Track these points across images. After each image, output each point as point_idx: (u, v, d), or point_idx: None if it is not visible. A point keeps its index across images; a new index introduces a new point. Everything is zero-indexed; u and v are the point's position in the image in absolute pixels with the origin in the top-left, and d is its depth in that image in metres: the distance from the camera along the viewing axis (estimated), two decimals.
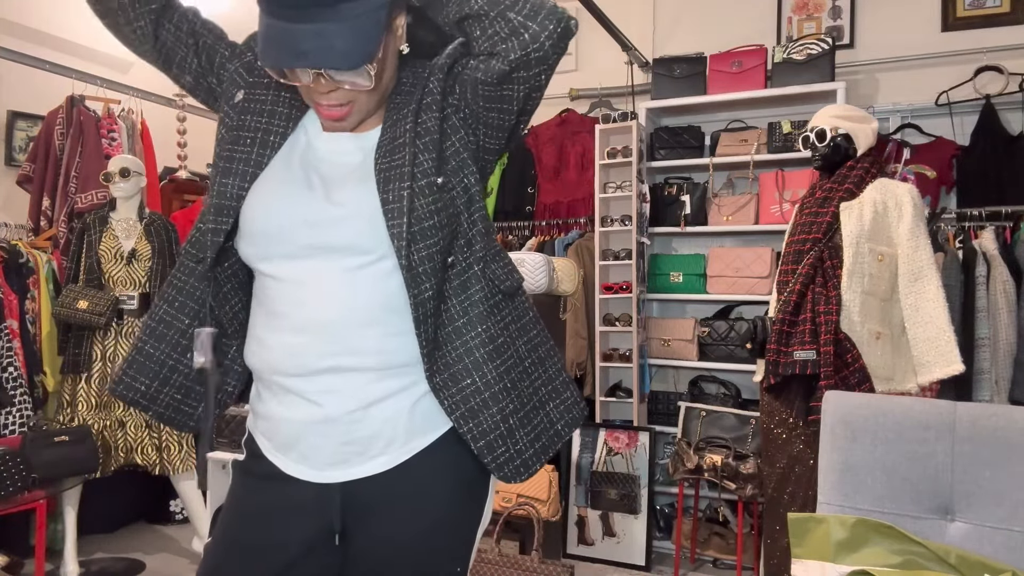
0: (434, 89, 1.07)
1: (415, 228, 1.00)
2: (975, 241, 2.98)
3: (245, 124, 1.09)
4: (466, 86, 1.06)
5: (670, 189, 3.55)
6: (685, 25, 3.83)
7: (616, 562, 3.27)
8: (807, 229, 2.41)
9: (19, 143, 3.74)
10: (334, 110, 1.02)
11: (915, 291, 2.27)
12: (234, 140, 1.09)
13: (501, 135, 1.10)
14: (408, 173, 1.01)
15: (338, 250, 1.01)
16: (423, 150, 1.04)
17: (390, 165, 1.03)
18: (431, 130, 1.06)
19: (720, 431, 3.19)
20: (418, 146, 1.04)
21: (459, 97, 1.08)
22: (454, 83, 1.08)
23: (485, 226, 1.09)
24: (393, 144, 1.05)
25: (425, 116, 1.06)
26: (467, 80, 1.06)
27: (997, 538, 1.36)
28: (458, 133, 1.08)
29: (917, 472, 1.43)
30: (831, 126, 2.41)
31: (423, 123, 1.06)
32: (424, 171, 1.03)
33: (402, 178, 1.01)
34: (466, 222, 1.07)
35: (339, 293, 1.02)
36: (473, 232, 1.08)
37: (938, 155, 3.17)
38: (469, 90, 1.06)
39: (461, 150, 1.08)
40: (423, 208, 1.01)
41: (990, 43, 3.18)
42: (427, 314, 1.02)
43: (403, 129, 1.05)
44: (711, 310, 3.59)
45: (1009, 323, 2.86)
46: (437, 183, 1.03)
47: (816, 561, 1.23)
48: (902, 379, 2.31)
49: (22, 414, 3.03)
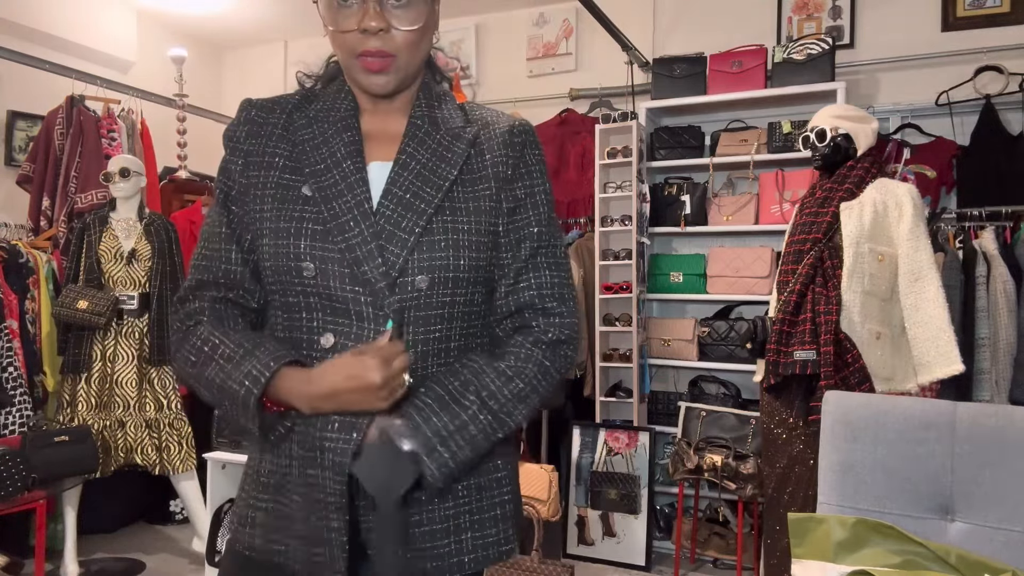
0: (500, 161, 1.02)
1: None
2: (975, 241, 2.98)
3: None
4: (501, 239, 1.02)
5: (670, 189, 3.55)
6: (685, 25, 3.83)
7: (616, 562, 3.27)
8: (807, 229, 2.41)
9: (19, 143, 3.74)
10: (375, 60, 0.97)
11: (915, 291, 2.27)
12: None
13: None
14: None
15: None
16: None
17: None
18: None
19: (720, 431, 3.18)
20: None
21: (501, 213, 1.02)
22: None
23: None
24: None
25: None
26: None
27: (997, 538, 1.36)
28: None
29: (917, 472, 1.43)
30: (831, 126, 2.41)
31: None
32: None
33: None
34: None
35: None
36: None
37: (938, 155, 3.17)
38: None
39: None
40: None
41: (990, 43, 3.18)
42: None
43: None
44: (711, 310, 3.59)
45: (1009, 323, 2.86)
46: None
47: (816, 561, 1.23)
48: (902, 379, 2.31)
49: (22, 414, 3.03)
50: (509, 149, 1.03)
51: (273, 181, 1.00)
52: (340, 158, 0.99)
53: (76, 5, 3.94)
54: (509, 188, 1.02)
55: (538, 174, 1.05)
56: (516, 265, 1.02)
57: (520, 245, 1.02)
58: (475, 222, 0.98)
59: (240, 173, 1.02)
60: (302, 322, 0.97)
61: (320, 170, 0.98)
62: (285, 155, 1.01)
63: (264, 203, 0.99)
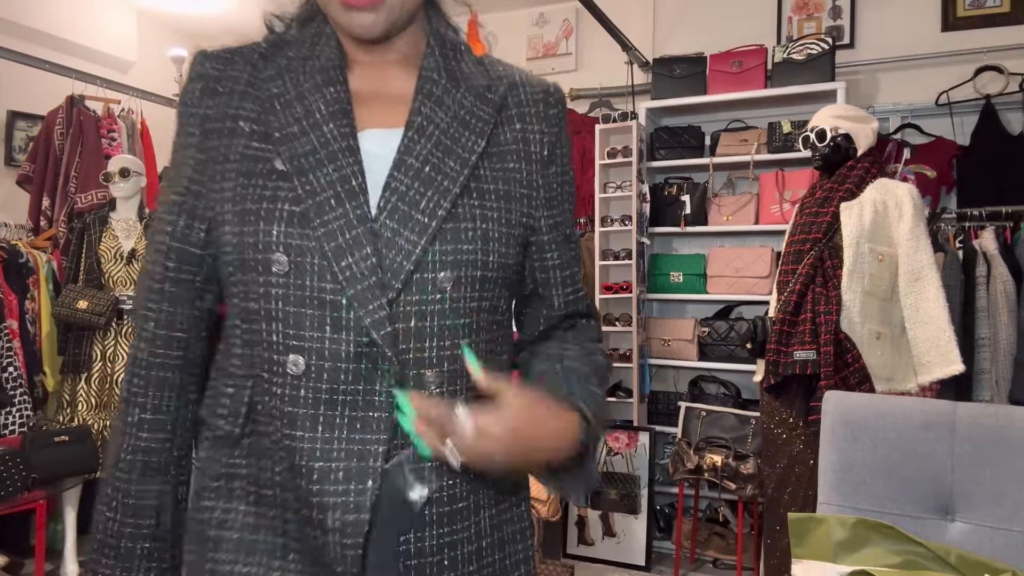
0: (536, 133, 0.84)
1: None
2: (975, 241, 2.98)
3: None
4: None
5: (670, 189, 3.55)
6: (685, 25, 3.83)
7: (616, 562, 3.27)
8: (807, 229, 2.41)
9: (19, 143, 3.74)
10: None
11: (915, 291, 2.27)
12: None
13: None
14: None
15: None
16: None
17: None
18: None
19: (720, 431, 3.18)
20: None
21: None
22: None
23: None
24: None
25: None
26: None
27: (997, 538, 1.35)
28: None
29: (917, 472, 1.43)
30: (831, 126, 2.41)
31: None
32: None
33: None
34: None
35: None
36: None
37: (938, 155, 3.17)
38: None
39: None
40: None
41: (990, 43, 3.18)
42: None
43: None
44: (711, 310, 3.59)
45: (1009, 323, 2.86)
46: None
47: (816, 561, 1.23)
48: (902, 379, 2.31)
49: (22, 414, 3.03)
50: (545, 124, 0.84)
51: (237, 152, 0.76)
52: (320, 119, 0.75)
53: (76, 5, 3.94)
54: (545, 173, 0.84)
55: (569, 158, 0.89)
56: (569, 270, 0.88)
57: (568, 244, 0.87)
58: (505, 210, 0.79)
59: (197, 146, 0.79)
60: (262, 336, 0.74)
61: (292, 134, 0.75)
62: (251, 118, 0.77)
63: (226, 181, 0.76)
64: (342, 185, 0.73)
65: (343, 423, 0.72)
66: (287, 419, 0.73)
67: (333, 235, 0.71)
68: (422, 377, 0.73)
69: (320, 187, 0.72)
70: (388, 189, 0.73)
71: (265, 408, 0.75)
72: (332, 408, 0.72)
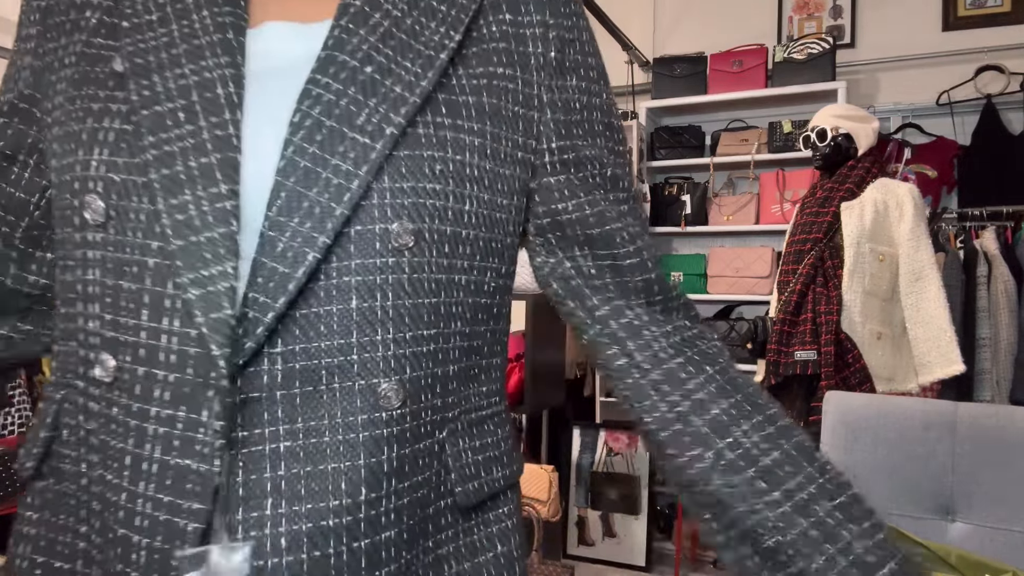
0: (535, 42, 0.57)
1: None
2: (976, 241, 2.98)
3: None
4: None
5: (670, 189, 3.55)
6: (685, 24, 3.83)
7: (616, 563, 3.27)
8: (808, 229, 2.40)
9: None
10: None
11: (916, 291, 2.27)
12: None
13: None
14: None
15: None
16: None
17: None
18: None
19: None
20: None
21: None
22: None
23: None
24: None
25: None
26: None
27: (998, 538, 1.35)
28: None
29: (918, 472, 1.42)
30: (832, 126, 2.41)
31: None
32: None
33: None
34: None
35: None
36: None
37: (939, 155, 3.16)
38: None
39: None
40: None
41: (991, 43, 3.17)
42: None
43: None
44: (711, 310, 3.59)
45: (1010, 323, 2.85)
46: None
47: None
48: (903, 379, 2.31)
49: (21, 414, 3.03)
50: (550, 14, 0.58)
51: (75, 51, 0.53)
52: (192, 4, 0.51)
53: None
54: (556, 86, 0.58)
55: (599, 71, 0.64)
56: (612, 225, 0.57)
57: (601, 189, 0.58)
58: (490, 136, 0.53)
59: (33, 51, 0.56)
60: (76, 324, 0.50)
61: (147, 23, 0.51)
62: (103, 5, 0.54)
63: (57, 95, 0.53)
64: (200, 92, 0.48)
65: (150, 471, 0.46)
66: (96, 453, 0.48)
67: (167, 161, 0.46)
68: (375, 392, 0.47)
69: (164, 94, 0.48)
70: (308, 98, 0.48)
71: (72, 435, 0.50)
72: (141, 444, 0.46)
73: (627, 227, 0.58)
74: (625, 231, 0.58)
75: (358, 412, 0.47)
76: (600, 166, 0.58)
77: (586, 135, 0.59)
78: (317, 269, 0.46)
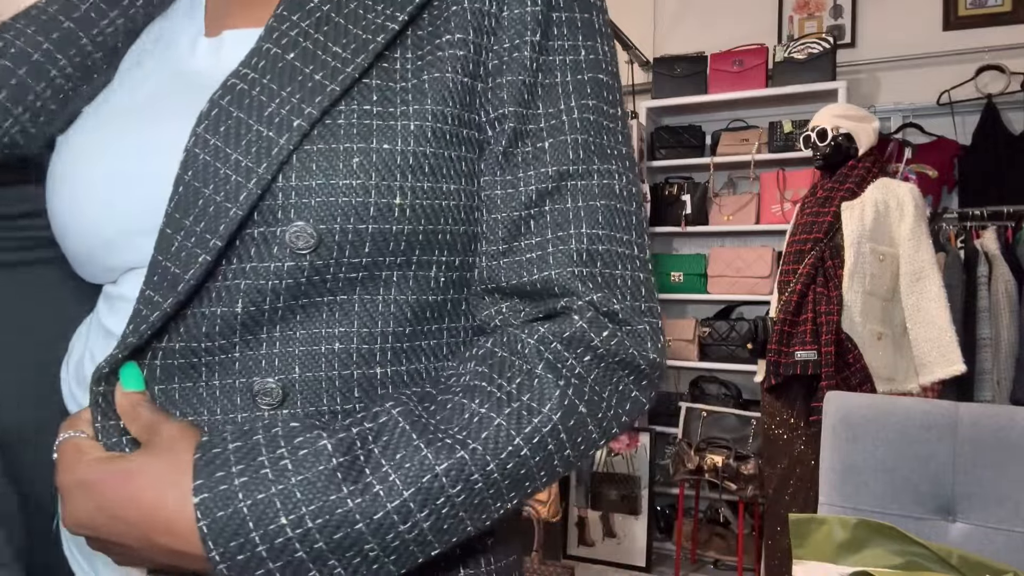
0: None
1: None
2: (977, 241, 2.97)
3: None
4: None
5: (670, 189, 3.55)
6: (686, 24, 3.82)
7: (616, 563, 3.26)
8: (808, 229, 2.40)
9: None
10: None
11: (916, 291, 2.26)
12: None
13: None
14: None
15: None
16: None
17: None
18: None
19: (721, 432, 3.18)
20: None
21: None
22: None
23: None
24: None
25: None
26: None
27: (999, 539, 1.35)
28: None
29: (919, 473, 1.42)
30: (832, 125, 2.41)
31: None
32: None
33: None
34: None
35: None
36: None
37: (940, 155, 3.16)
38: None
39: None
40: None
41: (992, 42, 3.17)
42: None
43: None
44: (712, 310, 3.58)
45: (1011, 323, 2.85)
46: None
47: (817, 562, 1.22)
48: (904, 379, 2.30)
49: None
50: None
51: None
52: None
53: None
54: (516, 41, 0.49)
55: (593, 27, 0.55)
56: (518, 209, 0.50)
57: (553, 161, 0.50)
58: (434, 115, 0.47)
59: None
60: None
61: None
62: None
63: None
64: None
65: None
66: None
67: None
68: (251, 390, 0.46)
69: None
70: (222, 89, 0.46)
71: None
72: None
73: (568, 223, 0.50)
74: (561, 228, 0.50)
75: (238, 410, 0.46)
76: (564, 148, 0.50)
77: (556, 98, 0.50)
78: (210, 270, 0.45)
